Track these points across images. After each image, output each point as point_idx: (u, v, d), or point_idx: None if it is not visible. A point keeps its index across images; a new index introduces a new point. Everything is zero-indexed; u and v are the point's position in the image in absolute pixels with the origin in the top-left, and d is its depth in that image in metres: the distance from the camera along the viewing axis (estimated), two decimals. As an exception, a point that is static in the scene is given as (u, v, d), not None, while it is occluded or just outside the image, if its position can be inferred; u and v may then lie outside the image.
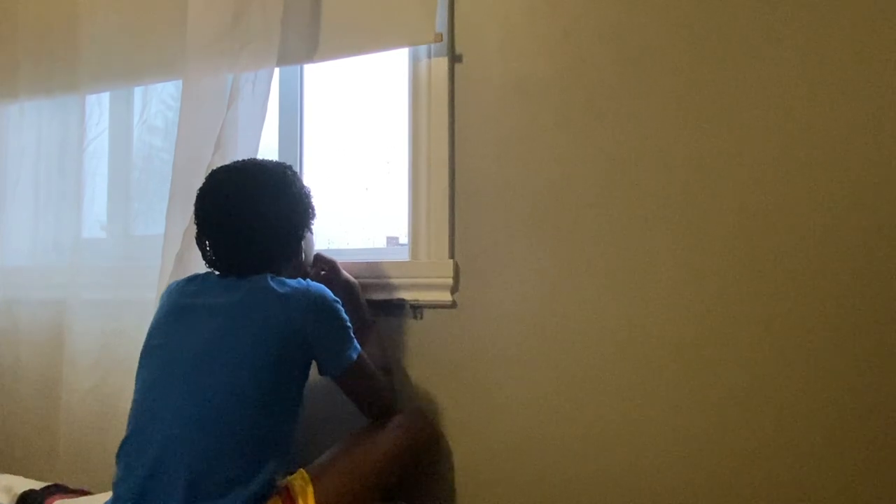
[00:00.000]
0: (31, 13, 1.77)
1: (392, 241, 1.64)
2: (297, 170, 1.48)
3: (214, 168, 1.23)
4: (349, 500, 1.07)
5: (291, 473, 1.09)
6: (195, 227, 1.19)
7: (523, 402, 1.31)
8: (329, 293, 1.14)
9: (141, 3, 1.63)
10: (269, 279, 1.11)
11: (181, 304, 1.15)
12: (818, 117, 1.13)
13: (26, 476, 1.44)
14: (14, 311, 1.79)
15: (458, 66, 1.41)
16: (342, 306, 1.16)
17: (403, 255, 1.47)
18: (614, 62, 1.27)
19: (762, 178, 1.16)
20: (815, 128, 1.13)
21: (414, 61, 1.46)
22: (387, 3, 1.40)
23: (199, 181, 1.22)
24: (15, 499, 1.32)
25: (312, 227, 1.27)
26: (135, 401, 1.11)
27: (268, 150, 1.63)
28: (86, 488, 1.39)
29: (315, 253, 1.33)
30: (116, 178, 1.77)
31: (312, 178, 1.65)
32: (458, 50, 1.41)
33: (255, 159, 1.25)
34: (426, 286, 1.39)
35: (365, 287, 1.38)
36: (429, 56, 1.43)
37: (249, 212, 1.14)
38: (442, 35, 1.37)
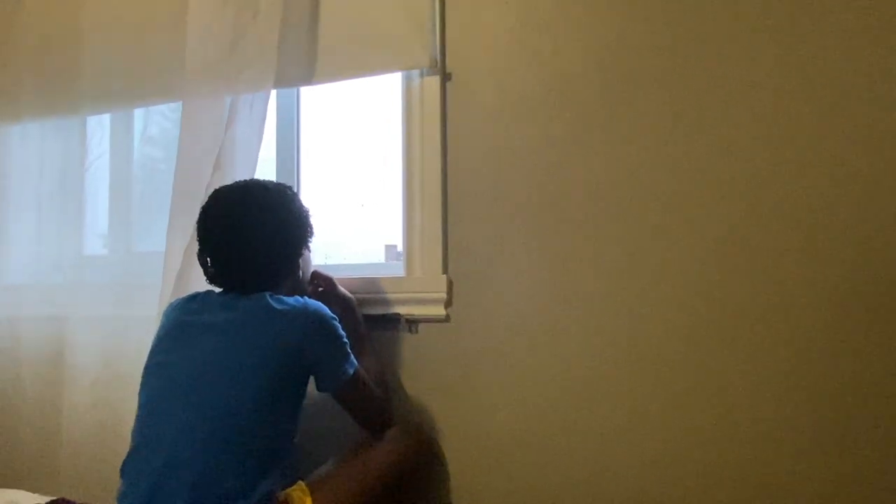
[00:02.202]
0: (33, 37, 1.81)
1: (391, 248, 1.67)
2: (294, 186, 1.51)
3: (215, 187, 1.27)
4: (347, 511, 1.10)
5: (291, 485, 1.12)
6: (196, 243, 1.23)
7: (517, 414, 1.34)
8: (326, 310, 1.17)
9: (141, 28, 1.67)
10: (267, 297, 1.14)
11: (182, 322, 1.18)
12: (804, 127, 1.16)
13: (31, 490, 1.45)
14: (16, 328, 1.81)
15: (449, 85, 1.44)
16: (339, 322, 1.19)
17: (398, 271, 1.51)
18: (600, 80, 1.31)
19: (746, 182, 1.19)
20: (801, 136, 1.16)
21: (406, 80, 1.50)
22: (382, 29, 1.44)
23: (199, 200, 1.25)
24: (19, 514, 1.34)
25: (310, 245, 1.30)
26: (138, 417, 1.14)
27: (265, 166, 1.67)
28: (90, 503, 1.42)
29: (312, 270, 1.36)
30: (118, 195, 1.80)
31: (309, 195, 1.69)
32: (449, 69, 1.44)
33: (256, 179, 1.28)
34: (420, 301, 1.42)
35: (361, 302, 1.41)
36: (421, 75, 1.47)
37: (251, 230, 1.18)
38: (437, 60, 1.41)
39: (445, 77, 1.45)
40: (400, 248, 1.61)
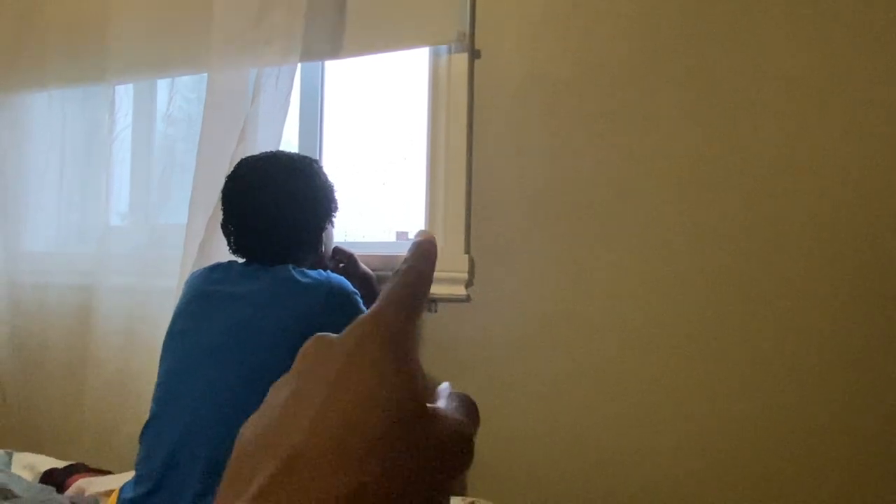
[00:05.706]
0: (62, 6, 1.81)
1: (402, 235, 1.66)
2: (317, 163, 1.50)
3: (240, 158, 1.26)
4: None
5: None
6: (220, 214, 1.22)
7: (535, 395, 1.33)
8: (348, 285, 1.17)
9: (168, -1, 1.66)
10: (291, 269, 1.13)
11: (204, 292, 1.18)
12: (834, 116, 1.13)
13: (52, 455, 1.48)
14: (42, 295, 1.84)
15: (477, 63, 1.42)
16: (360, 298, 1.18)
17: (419, 250, 1.49)
18: (632, 61, 1.28)
19: (772, 176, 1.17)
20: (830, 127, 1.14)
21: (434, 57, 1.48)
22: (410, 3, 1.42)
23: (222, 172, 1.25)
24: (38, 477, 1.36)
25: (334, 220, 1.29)
26: (158, 384, 1.14)
27: (288, 143, 1.66)
28: (105, 469, 1.44)
29: (334, 245, 1.35)
30: (139, 167, 1.81)
31: (331, 172, 1.68)
32: (477, 46, 1.42)
33: (282, 151, 1.28)
34: (441, 280, 1.41)
35: (381, 279, 1.41)
36: (449, 52, 1.45)
37: (275, 201, 1.17)
38: (465, 35, 1.39)
39: (474, 54, 1.42)
40: (410, 235, 1.60)
